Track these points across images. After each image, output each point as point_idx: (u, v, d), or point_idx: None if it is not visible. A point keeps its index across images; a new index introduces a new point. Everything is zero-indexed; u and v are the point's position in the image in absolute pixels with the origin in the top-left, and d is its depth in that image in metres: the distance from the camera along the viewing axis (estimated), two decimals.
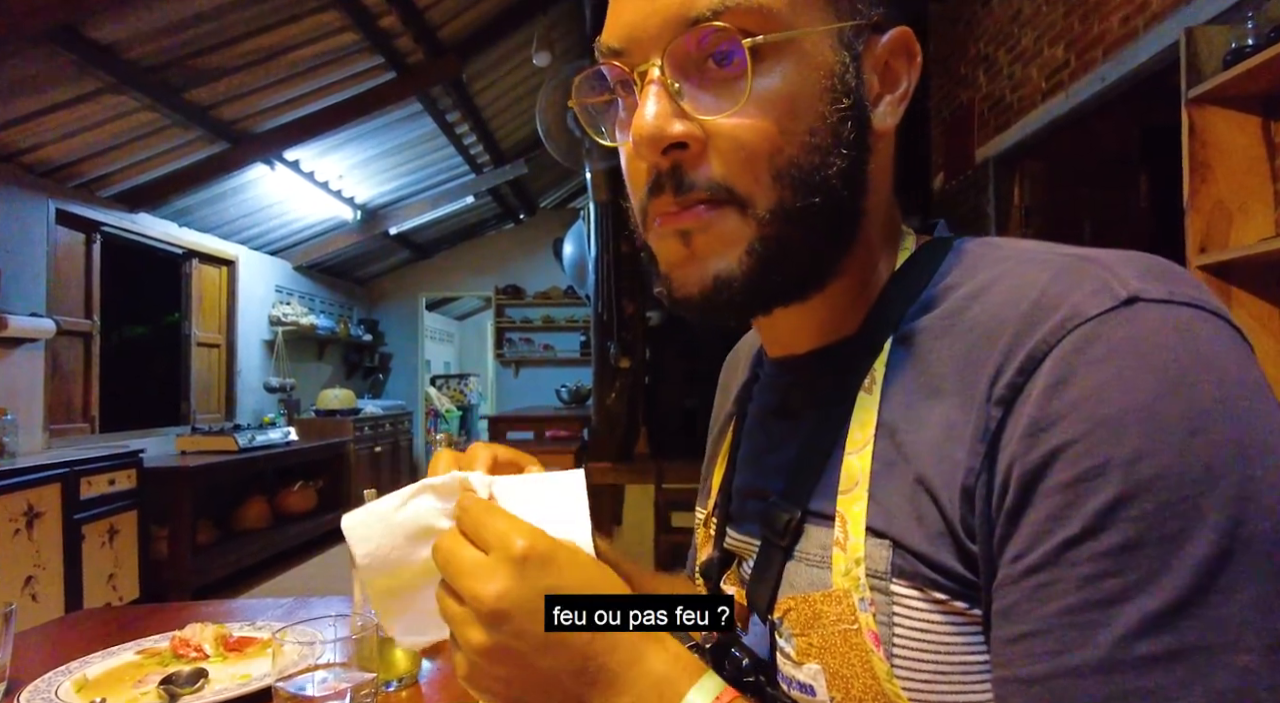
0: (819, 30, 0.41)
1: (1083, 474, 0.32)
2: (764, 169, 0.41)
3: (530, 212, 7.74)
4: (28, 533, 2.95)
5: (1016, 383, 0.35)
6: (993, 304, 0.39)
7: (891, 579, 0.39)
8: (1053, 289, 0.37)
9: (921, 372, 0.42)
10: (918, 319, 0.44)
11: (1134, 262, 0.37)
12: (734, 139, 0.40)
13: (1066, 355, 0.34)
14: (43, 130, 3.31)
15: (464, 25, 4.20)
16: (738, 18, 0.39)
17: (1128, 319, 0.34)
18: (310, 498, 5.35)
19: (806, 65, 0.41)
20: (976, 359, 0.38)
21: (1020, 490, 0.34)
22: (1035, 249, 0.42)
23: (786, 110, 0.40)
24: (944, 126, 4.35)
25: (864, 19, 0.43)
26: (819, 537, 0.44)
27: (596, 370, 3.83)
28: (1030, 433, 0.34)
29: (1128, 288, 0.35)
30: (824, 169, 0.42)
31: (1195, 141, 1.98)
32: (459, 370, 10.08)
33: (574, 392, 5.71)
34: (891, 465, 0.41)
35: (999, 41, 3.65)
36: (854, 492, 0.42)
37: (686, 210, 0.42)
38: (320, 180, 4.95)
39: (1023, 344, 0.36)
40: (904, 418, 0.41)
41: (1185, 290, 0.35)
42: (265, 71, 3.60)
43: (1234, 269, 1.98)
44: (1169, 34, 2.38)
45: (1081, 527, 0.32)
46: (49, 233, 3.66)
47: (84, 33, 2.87)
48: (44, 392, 3.63)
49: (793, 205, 0.41)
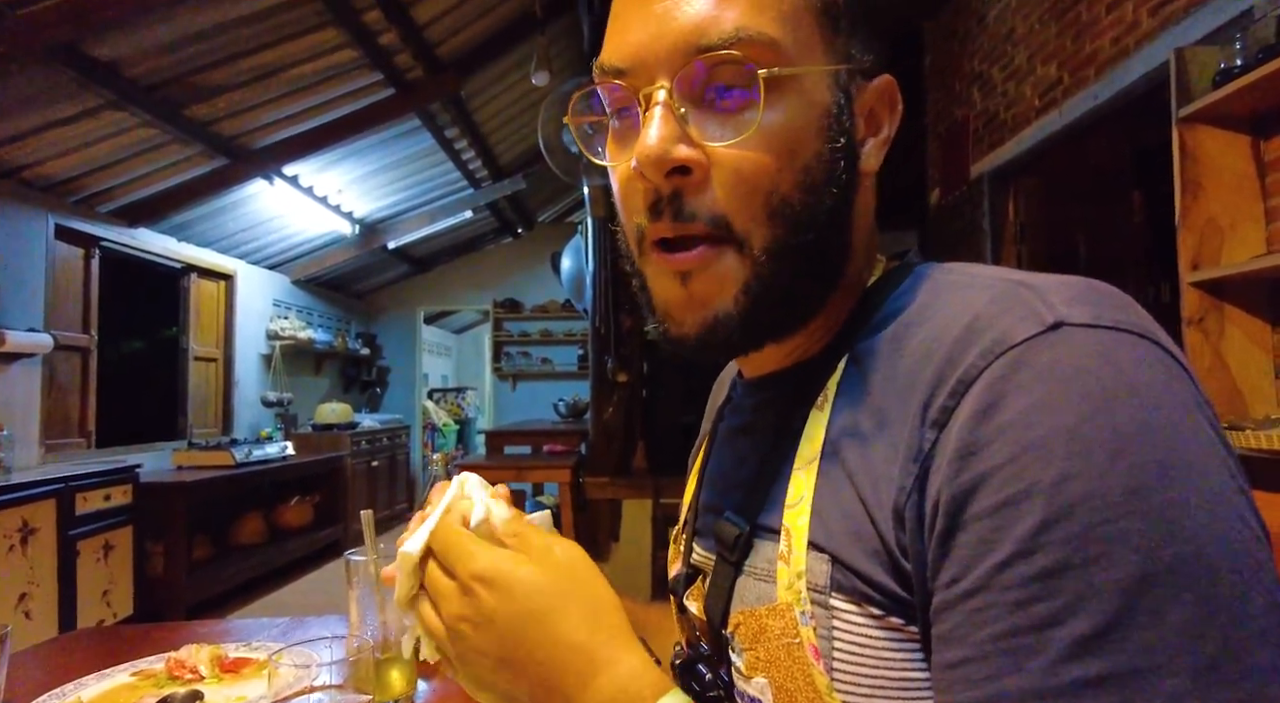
0: (819, 70, 0.43)
1: (1010, 498, 0.32)
2: (760, 204, 0.42)
3: (528, 226, 7.77)
4: (22, 550, 2.93)
5: (947, 406, 0.36)
6: (933, 328, 0.40)
7: (831, 594, 0.40)
8: (984, 313, 0.38)
9: (866, 391, 0.42)
10: (869, 339, 0.44)
11: (1067, 287, 0.38)
12: (736, 170, 0.41)
13: (994, 380, 0.35)
14: (44, 146, 3.32)
15: (463, 43, 4.24)
16: (749, 48, 0.40)
17: (1052, 344, 0.34)
18: (306, 513, 5.33)
19: (807, 103, 0.42)
20: (913, 381, 0.39)
21: (950, 514, 0.34)
22: (980, 273, 0.43)
23: (787, 146, 0.41)
24: (940, 142, 4.38)
25: (856, 64, 0.45)
26: (765, 551, 0.45)
27: (594, 384, 3.84)
28: (959, 457, 0.34)
29: (1054, 313, 0.35)
30: (816, 206, 0.43)
31: (1186, 160, 2.00)
32: (456, 384, 10.08)
33: (571, 406, 5.71)
34: (834, 482, 0.42)
35: (993, 59, 3.69)
36: (799, 506, 0.42)
37: (688, 252, 0.43)
38: (319, 195, 4.96)
39: (954, 368, 0.37)
40: (847, 436, 0.42)
41: (1112, 314, 0.36)
42: (265, 88, 3.63)
43: (1226, 286, 1.99)
44: (1159, 54, 2.41)
45: (1011, 551, 0.32)
46: (48, 248, 3.67)
47: (86, 50, 2.89)
48: (40, 407, 3.62)
49: (786, 242, 0.42)
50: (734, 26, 0.40)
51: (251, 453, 4.65)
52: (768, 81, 0.40)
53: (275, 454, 4.94)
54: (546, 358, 7.80)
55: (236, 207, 4.66)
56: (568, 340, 7.71)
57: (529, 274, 7.69)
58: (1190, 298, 2.01)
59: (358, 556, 0.79)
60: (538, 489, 5.36)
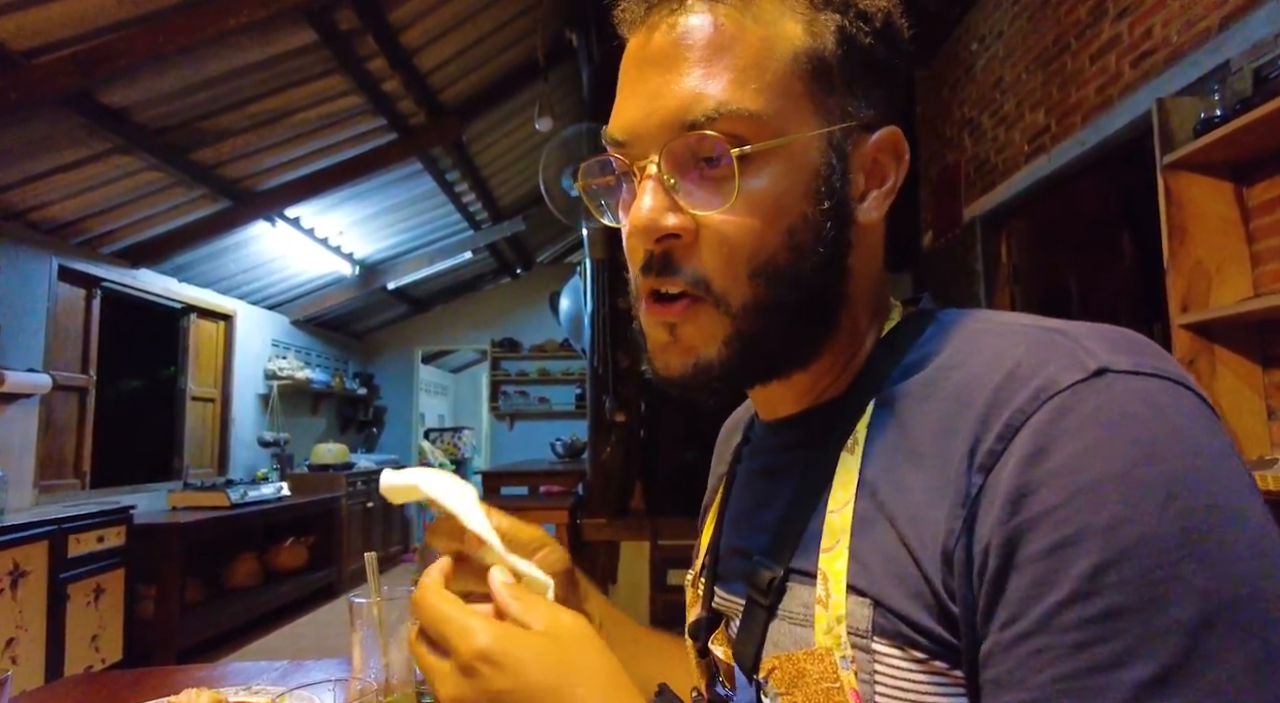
0: (807, 136, 0.44)
1: (1064, 540, 0.33)
2: (742, 267, 0.44)
3: (527, 266, 7.84)
4: (12, 594, 2.89)
5: (995, 450, 0.37)
6: (969, 373, 0.41)
7: (873, 638, 0.40)
8: (1026, 360, 0.39)
9: (901, 434, 0.43)
10: (899, 383, 0.45)
11: (1102, 335, 0.39)
12: (720, 234, 0.44)
13: (1043, 425, 0.35)
14: (50, 189, 3.38)
15: (464, 89, 4.34)
16: (730, 124, 0.42)
17: (1098, 390, 0.36)
18: (301, 555, 5.27)
19: (793, 168, 0.44)
20: (953, 425, 0.40)
21: (1002, 556, 0.35)
22: (1011, 321, 0.44)
23: (770, 211, 0.44)
24: (932, 187, 4.47)
25: (853, 120, 0.46)
26: (801, 595, 0.45)
27: (592, 424, 3.84)
28: (1011, 501, 0.35)
29: (1096, 360, 0.37)
30: (800, 265, 0.45)
31: (1172, 206, 2.05)
32: (453, 424, 10.04)
33: (569, 446, 5.68)
34: (872, 524, 0.42)
35: (983, 106, 3.79)
36: (835, 550, 0.43)
37: (671, 304, 0.46)
38: (320, 236, 5.02)
39: (1000, 413, 0.37)
40: (884, 479, 0.42)
41: (1151, 361, 0.37)
42: (270, 132, 3.70)
43: (1215, 328, 2.02)
44: (1142, 103, 2.48)
45: (1068, 592, 0.32)
46: (50, 289, 3.69)
47: (97, 98, 2.96)
48: (36, 447, 3.61)
49: (766, 301, 0.45)
50: (715, 103, 0.42)
51: (247, 494, 4.62)
52: (746, 155, 0.43)
53: (271, 495, 4.90)
54: (544, 397, 7.79)
55: (238, 248, 4.71)
56: (565, 380, 7.72)
57: (527, 314, 7.74)
58: (1181, 340, 2.04)
59: (361, 598, 0.79)
60: None
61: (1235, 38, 2.11)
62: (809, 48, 0.44)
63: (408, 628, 0.82)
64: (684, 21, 0.44)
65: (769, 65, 0.43)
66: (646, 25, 0.46)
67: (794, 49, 0.44)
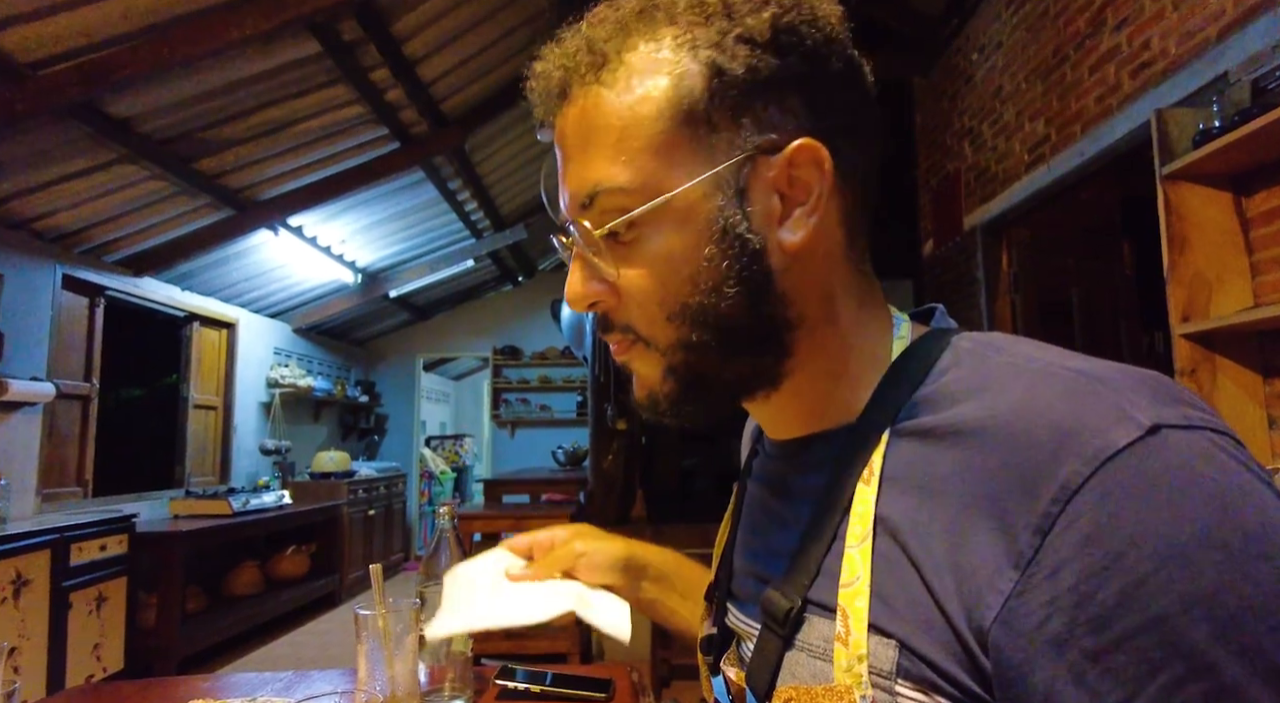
0: (687, 186, 0.44)
1: (1166, 613, 0.32)
2: (657, 313, 0.47)
3: (529, 274, 7.86)
4: (14, 602, 2.89)
5: (1051, 512, 0.35)
6: (1002, 419, 0.39)
7: (896, 680, 0.39)
8: (1070, 414, 0.37)
9: (922, 474, 0.42)
10: (917, 418, 0.44)
11: (1142, 384, 0.38)
12: (630, 291, 0.48)
13: (1108, 489, 0.34)
14: (55, 199, 3.39)
15: (467, 99, 4.36)
16: (610, 199, 0.45)
17: (1156, 449, 0.34)
18: (302, 563, 5.27)
19: (680, 219, 0.45)
20: (988, 476, 0.38)
21: (1095, 633, 0.33)
22: (1037, 357, 0.42)
23: (665, 266, 0.46)
24: (932, 195, 4.48)
25: (745, 151, 0.44)
26: (821, 628, 0.44)
27: (593, 432, 3.85)
28: (1093, 573, 0.33)
29: (1147, 415, 0.35)
30: (715, 304, 0.46)
31: (1171, 216, 2.06)
32: (454, 431, 10.04)
33: (570, 453, 5.69)
34: (894, 565, 0.41)
35: (983, 116, 3.80)
36: (855, 586, 0.42)
37: (617, 346, 0.51)
38: (323, 245, 5.04)
39: (1050, 472, 0.36)
40: (905, 519, 0.41)
41: (1197, 414, 0.36)
42: (273, 142, 3.72)
43: (1216, 338, 2.03)
44: (1141, 114, 2.49)
45: (1184, 669, 0.31)
46: (55, 297, 3.71)
47: (102, 108, 2.98)
48: (39, 456, 3.62)
49: (688, 339, 0.47)
50: (590, 186, 0.46)
51: (249, 502, 4.62)
52: (632, 221, 0.45)
53: (272, 503, 4.90)
54: (545, 405, 7.80)
55: (241, 256, 4.73)
56: (567, 387, 7.72)
57: (529, 321, 7.76)
58: (1181, 349, 2.05)
59: (366, 609, 0.80)
60: None
61: (1233, 49, 2.12)
62: (675, 100, 0.44)
63: (413, 640, 0.83)
64: (569, 113, 0.47)
65: (638, 133, 0.44)
66: (557, 117, 0.50)
67: (659, 108, 0.44)
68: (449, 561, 0.91)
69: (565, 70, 0.47)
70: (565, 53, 0.47)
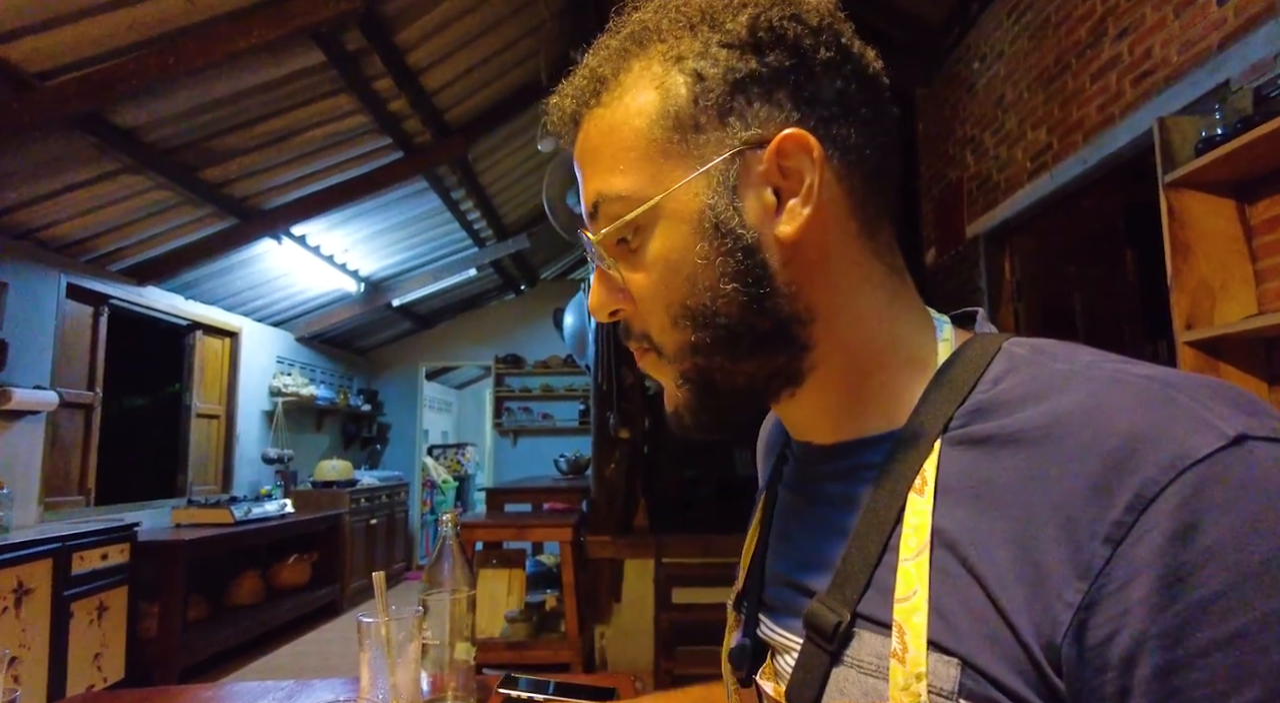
0: (675, 188, 0.46)
1: (1243, 630, 0.31)
2: (664, 318, 0.48)
3: (531, 283, 7.87)
4: (15, 612, 2.89)
5: (1124, 522, 0.34)
6: (1070, 425, 0.38)
7: (959, 700, 0.38)
8: (1144, 419, 0.36)
9: (982, 483, 0.40)
10: (971, 426, 0.43)
11: (1222, 393, 0.37)
12: (640, 297, 0.49)
13: (1187, 499, 0.33)
14: (60, 208, 3.41)
15: (470, 108, 4.38)
16: (611, 208, 0.48)
17: (1241, 459, 0.33)
18: (304, 572, 5.26)
19: (674, 221, 0.46)
20: (1054, 484, 0.37)
21: (1166, 649, 0.32)
22: (1100, 364, 0.41)
23: (664, 268, 0.47)
24: (934, 203, 4.48)
25: (732, 147, 0.45)
26: (874, 644, 0.42)
27: (595, 441, 3.83)
28: (1167, 584, 0.32)
29: (1232, 425, 0.34)
30: (713, 303, 0.46)
31: (1175, 223, 2.06)
32: (457, 440, 10.03)
33: (573, 462, 5.67)
34: (954, 579, 0.39)
35: (984, 124, 3.81)
36: (912, 601, 0.40)
37: (638, 355, 0.52)
38: (326, 254, 5.05)
39: (1126, 480, 0.34)
40: (965, 531, 0.40)
41: (1278, 424, 0.35)
42: (277, 151, 3.74)
43: (1221, 345, 2.03)
44: (1143, 122, 2.50)
45: (1262, 689, 0.30)
46: (59, 306, 3.72)
47: (107, 118, 2.99)
48: (42, 464, 3.62)
49: (694, 342, 0.47)
50: (595, 196, 0.48)
51: (251, 511, 4.62)
52: (632, 225, 0.47)
53: (274, 512, 4.90)
54: (548, 414, 7.79)
55: (244, 265, 4.74)
56: (569, 396, 7.72)
57: (531, 330, 7.76)
58: (1186, 357, 2.04)
59: (369, 617, 0.80)
60: (538, 549, 5.30)
61: (1235, 58, 2.13)
62: (662, 110, 0.46)
63: (415, 648, 0.83)
64: (578, 137, 0.50)
65: (631, 144, 0.47)
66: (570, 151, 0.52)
67: (650, 119, 0.46)
68: (452, 568, 0.90)
69: (573, 100, 0.50)
70: (573, 84, 0.51)
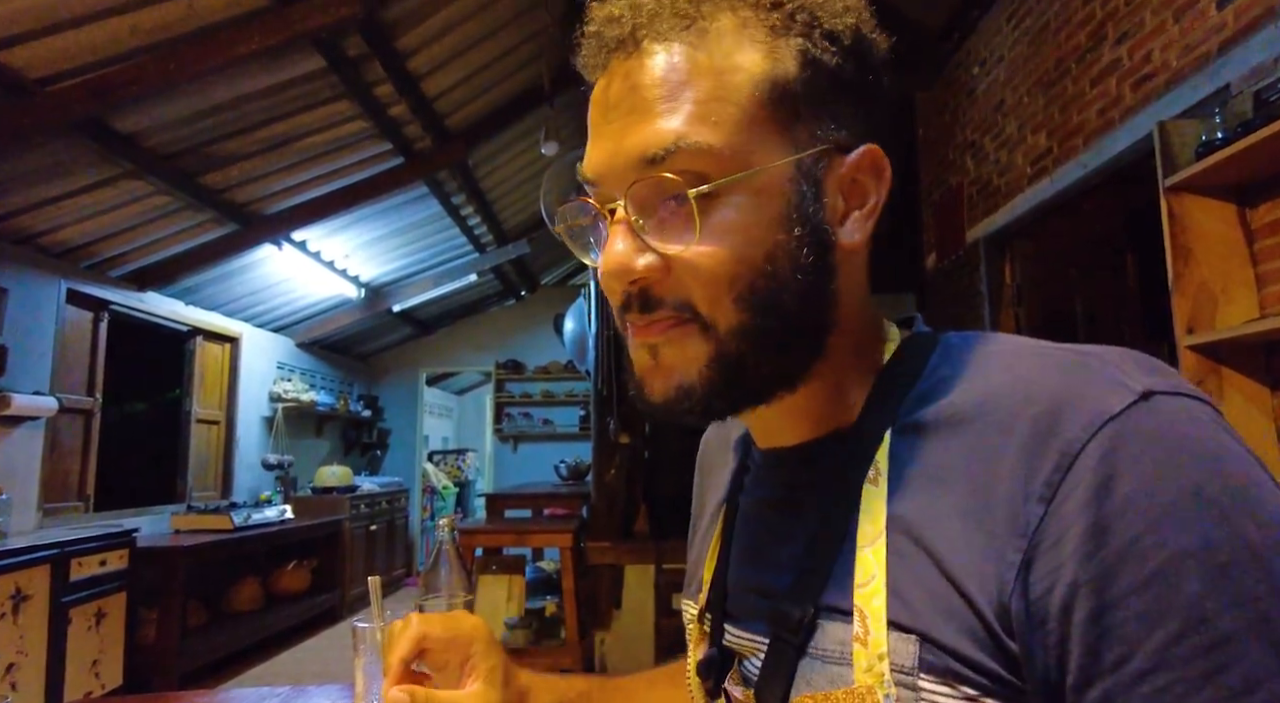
0: (773, 166, 0.43)
1: (1161, 569, 0.33)
2: (722, 292, 0.43)
3: (532, 288, 7.87)
4: (13, 618, 2.88)
5: (1053, 480, 0.36)
6: (1001, 399, 0.41)
7: (920, 675, 0.39)
8: (1064, 386, 0.39)
9: (929, 465, 0.42)
10: (916, 412, 0.44)
11: (1128, 357, 0.40)
12: (693, 266, 0.43)
13: (1105, 453, 0.35)
14: (61, 213, 3.41)
15: (471, 114, 4.39)
16: (689, 159, 0.42)
17: (1150, 412, 0.36)
18: (304, 578, 5.24)
19: (761, 198, 0.43)
20: (991, 454, 0.39)
21: (1097, 594, 0.34)
22: (1027, 344, 0.44)
23: (739, 242, 0.43)
24: (934, 208, 4.48)
25: (824, 144, 0.45)
26: (836, 632, 0.43)
27: (596, 446, 3.82)
28: (1092, 534, 0.34)
29: (1140, 383, 0.37)
30: (780, 293, 0.44)
31: (1175, 227, 2.05)
32: (457, 445, 10.02)
33: (573, 468, 5.66)
34: (910, 559, 0.41)
35: (984, 129, 3.81)
36: (871, 585, 0.42)
37: (653, 326, 0.45)
38: (327, 259, 5.05)
39: (1051, 442, 0.37)
40: (917, 512, 0.42)
41: (1181, 382, 0.38)
42: (278, 157, 3.74)
43: (1222, 350, 2.02)
44: (1143, 126, 2.50)
45: (1180, 622, 0.32)
46: (59, 312, 3.72)
47: (109, 123, 3.00)
48: (41, 470, 3.61)
49: (751, 326, 0.44)
50: (673, 138, 0.42)
51: (250, 517, 4.60)
52: (707, 193, 0.42)
53: (274, 518, 4.88)
54: (548, 419, 7.78)
55: (245, 271, 4.74)
56: (569, 401, 7.71)
57: (531, 336, 7.76)
58: (1188, 361, 2.04)
59: (364, 622, 0.79)
60: (538, 555, 5.28)
61: (1234, 62, 2.13)
62: (769, 76, 0.43)
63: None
64: (642, 63, 0.44)
65: (728, 98, 0.43)
66: (608, 70, 0.46)
67: (753, 79, 0.43)
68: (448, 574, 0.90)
69: (640, 21, 0.44)
70: (638, 5, 0.45)
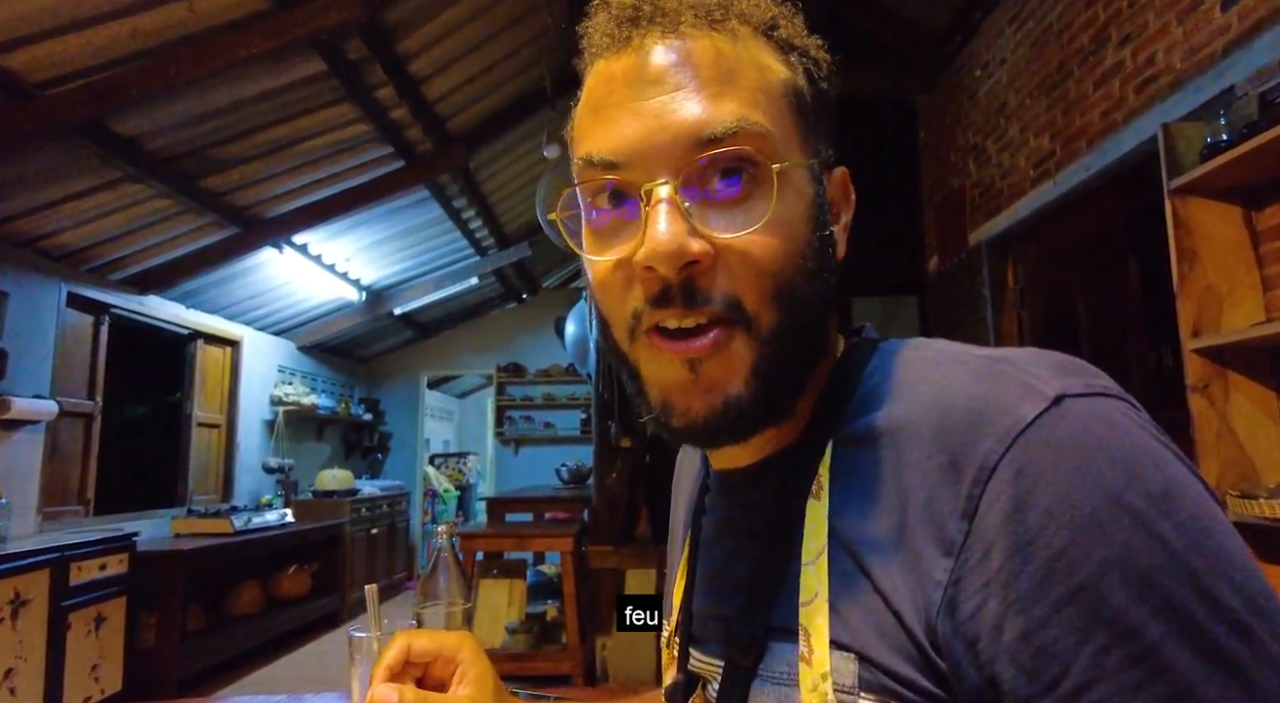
0: (805, 162, 0.45)
1: (1085, 582, 0.33)
2: (768, 287, 0.42)
3: (533, 291, 7.87)
4: (12, 623, 2.87)
5: (973, 494, 0.36)
6: (919, 410, 0.40)
7: (860, 694, 0.38)
8: (978, 394, 0.38)
9: (862, 479, 0.42)
10: (853, 423, 0.44)
11: (1043, 359, 0.39)
12: (745, 255, 0.41)
13: (1022, 465, 0.35)
14: (61, 217, 3.41)
15: (472, 117, 4.39)
16: (748, 140, 0.41)
17: (1062, 417, 0.35)
18: (304, 582, 5.23)
19: (797, 194, 0.44)
20: (918, 468, 0.39)
21: (1023, 612, 0.34)
22: (950, 350, 0.44)
23: (788, 234, 0.42)
24: (936, 211, 4.47)
25: (823, 157, 0.47)
26: (784, 653, 0.43)
27: (597, 449, 3.81)
28: (1015, 550, 0.34)
29: (1051, 387, 0.37)
30: (809, 291, 0.44)
31: (1180, 230, 2.04)
32: (458, 449, 10.01)
33: (574, 471, 5.64)
34: (848, 576, 0.41)
35: (986, 132, 3.80)
36: (814, 603, 0.41)
37: (694, 338, 0.42)
38: (327, 263, 5.05)
39: (969, 454, 0.37)
40: (854, 528, 0.41)
41: (1096, 381, 0.38)
42: (278, 160, 3.74)
43: (1228, 353, 2.00)
44: (1147, 128, 2.48)
45: (1109, 634, 0.32)
46: (59, 316, 3.71)
47: (109, 127, 2.99)
48: (40, 474, 3.60)
49: (786, 324, 0.42)
50: (735, 118, 0.41)
51: (251, 520, 4.59)
52: (762, 176, 0.42)
53: (274, 522, 4.87)
54: (549, 423, 7.77)
55: (246, 274, 4.74)
56: (571, 405, 7.70)
57: (533, 339, 7.75)
58: (1193, 364, 2.02)
59: (360, 631, 0.78)
60: (539, 559, 5.27)
61: (1239, 64, 2.11)
62: (792, 82, 0.45)
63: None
64: (686, 45, 0.42)
65: (769, 91, 0.43)
66: (633, 47, 0.43)
67: (783, 82, 0.44)
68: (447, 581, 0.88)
69: (672, 6, 0.43)
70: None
